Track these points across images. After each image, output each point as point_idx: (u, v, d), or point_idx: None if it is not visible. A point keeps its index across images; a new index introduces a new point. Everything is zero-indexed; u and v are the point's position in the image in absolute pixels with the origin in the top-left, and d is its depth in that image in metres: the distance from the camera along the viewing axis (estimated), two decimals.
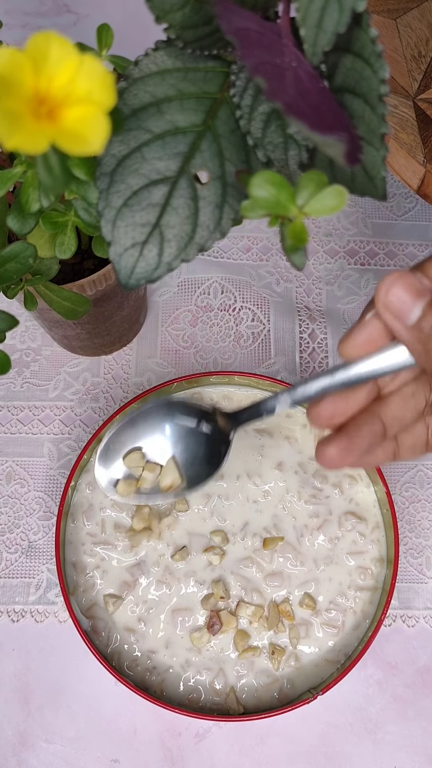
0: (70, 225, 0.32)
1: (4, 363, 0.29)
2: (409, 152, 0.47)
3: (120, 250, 0.27)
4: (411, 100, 0.49)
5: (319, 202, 0.23)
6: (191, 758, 0.47)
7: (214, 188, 0.27)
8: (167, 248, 0.27)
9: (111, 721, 0.48)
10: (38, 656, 0.49)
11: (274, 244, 0.58)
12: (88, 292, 0.41)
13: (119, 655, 0.46)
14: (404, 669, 0.49)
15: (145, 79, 0.27)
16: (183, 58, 0.27)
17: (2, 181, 0.28)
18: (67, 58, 0.20)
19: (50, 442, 0.53)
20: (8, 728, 0.47)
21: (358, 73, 0.25)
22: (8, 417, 0.53)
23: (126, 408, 0.48)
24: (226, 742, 0.47)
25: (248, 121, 0.27)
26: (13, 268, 0.30)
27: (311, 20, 0.24)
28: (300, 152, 0.27)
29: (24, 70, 0.20)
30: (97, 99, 0.21)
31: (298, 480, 0.49)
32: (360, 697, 0.48)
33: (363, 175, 0.26)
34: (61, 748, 0.47)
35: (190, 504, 0.48)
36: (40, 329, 0.55)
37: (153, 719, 0.47)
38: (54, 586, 0.50)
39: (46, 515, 0.51)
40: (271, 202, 0.23)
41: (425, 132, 0.48)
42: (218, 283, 0.56)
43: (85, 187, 0.28)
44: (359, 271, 0.57)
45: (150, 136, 0.27)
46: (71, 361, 0.54)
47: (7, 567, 0.50)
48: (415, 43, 0.51)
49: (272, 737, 0.47)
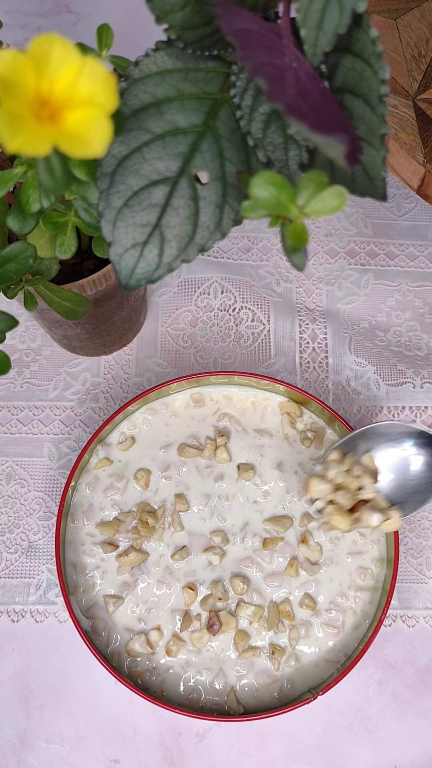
0: (71, 225, 0.32)
1: (4, 363, 0.30)
2: (409, 152, 0.47)
3: (120, 251, 0.27)
4: (411, 100, 0.49)
5: (319, 203, 0.23)
6: (191, 758, 0.47)
7: (215, 189, 0.27)
8: (167, 248, 0.27)
9: (111, 721, 0.48)
10: (38, 656, 0.49)
11: (274, 245, 0.58)
12: (88, 293, 0.41)
13: (119, 655, 0.46)
14: (404, 669, 0.49)
15: (146, 80, 0.27)
16: (183, 58, 0.27)
17: (3, 182, 0.28)
18: (69, 60, 0.20)
19: (50, 442, 0.53)
20: (8, 728, 0.47)
21: (358, 73, 0.25)
22: (8, 417, 0.53)
23: (125, 408, 0.48)
24: (226, 742, 0.47)
25: (249, 122, 0.27)
26: (13, 268, 0.30)
27: (312, 21, 0.24)
28: (300, 153, 0.27)
29: (26, 73, 0.20)
30: (99, 102, 0.21)
31: (297, 480, 0.49)
32: (360, 697, 0.48)
33: (363, 176, 0.26)
34: (61, 748, 0.47)
35: (190, 504, 0.48)
36: (40, 329, 0.55)
37: (153, 719, 0.47)
38: (54, 586, 0.50)
39: (46, 515, 0.51)
40: (272, 203, 0.23)
41: (425, 132, 0.48)
42: (218, 283, 0.56)
43: (85, 187, 0.28)
44: (359, 271, 0.57)
45: (150, 137, 0.27)
46: (71, 361, 0.54)
47: (7, 567, 0.50)
48: (415, 43, 0.51)
49: (272, 737, 0.47)
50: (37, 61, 0.20)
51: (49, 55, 0.20)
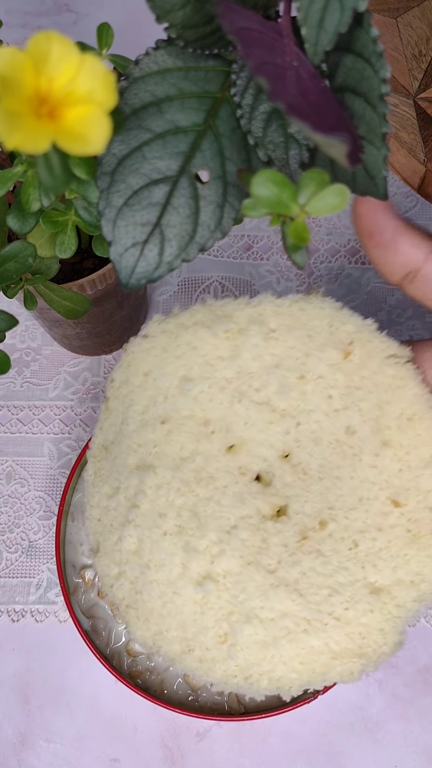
0: (71, 224, 0.32)
1: (3, 363, 0.29)
2: (410, 151, 0.47)
3: (120, 250, 0.27)
4: (411, 98, 0.49)
5: (320, 201, 0.23)
6: (192, 758, 0.47)
7: (215, 187, 0.27)
8: (168, 247, 0.27)
9: (111, 721, 0.48)
10: (38, 656, 0.49)
11: (275, 243, 0.57)
12: (88, 292, 0.41)
13: (119, 654, 0.46)
14: (404, 669, 0.49)
15: (146, 79, 0.27)
16: (184, 57, 0.27)
17: (2, 181, 0.28)
18: (68, 57, 0.20)
19: (50, 441, 0.53)
20: (8, 728, 0.47)
21: (359, 72, 0.25)
22: (8, 417, 0.53)
23: None
24: (226, 742, 0.47)
25: (249, 121, 0.27)
26: (12, 267, 0.30)
27: (313, 20, 0.24)
28: (301, 151, 0.27)
29: (25, 70, 0.20)
30: (99, 99, 0.21)
31: None
32: (360, 697, 0.48)
33: (364, 175, 0.26)
34: (62, 747, 0.47)
35: None
36: (40, 329, 0.55)
37: (153, 719, 0.47)
38: (54, 586, 0.50)
39: (46, 515, 0.51)
40: (273, 201, 0.23)
41: (426, 131, 0.48)
42: (218, 282, 0.56)
43: (85, 186, 0.28)
44: (360, 270, 0.57)
45: (151, 136, 0.27)
46: (71, 361, 0.54)
47: (7, 567, 0.50)
48: (415, 42, 0.51)
49: (273, 737, 0.47)
50: (36, 58, 0.20)
51: (48, 52, 0.20)
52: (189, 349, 0.34)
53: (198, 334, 0.34)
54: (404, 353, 0.33)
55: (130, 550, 0.36)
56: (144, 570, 0.35)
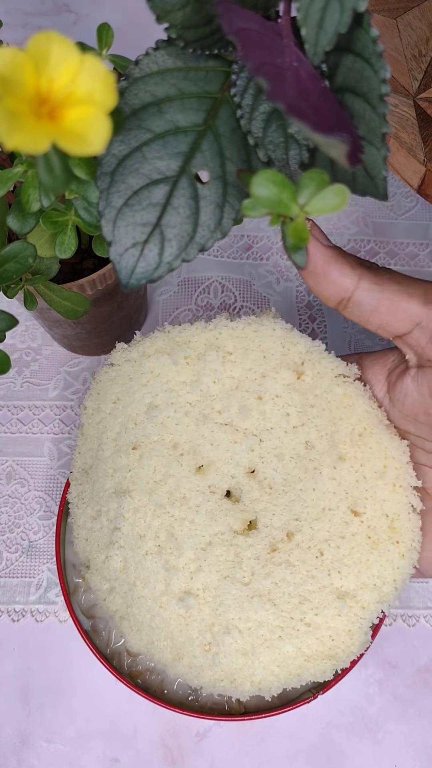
0: (71, 224, 0.32)
1: (3, 362, 0.29)
2: (410, 151, 0.47)
3: (120, 250, 0.27)
4: (411, 99, 0.49)
5: (320, 201, 0.23)
6: (192, 757, 0.47)
7: (215, 188, 0.27)
8: (168, 248, 0.27)
9: (111, 721, 0.48)
10: (38, 656, 0.49)
11: (275, 243, 0.58)
12: (88, 292, 0.41)
13: (119, 654, 0.46)
14: (404, 668, 0.49)
15: (146, 79, 0.27)
16: (184, 57, 0.27)
17: (2, 181, 0.28)
18: (68, 58, 0.20)
19: (50, 441, 0.53)
20: (8, 728, 0.47)
21: (358, 72, 0.25)
22: (8, 417, 0.53)
23: None
24: (226, 742, 0.47)
25: (249, 121, 0.27)
26: (12, 267, 0.30)
27: (312, 20, 0.24)
28: (301, 152, 0.27)
29: (25, 70, 0.20)
30: (99, 99, 0.21)
31: None
32: (360, 697, 0.48)
33: (364, 175, 0.26)
34: (62, 747, 0.47)
35: None
36: (40, 329, 0.55)
37: (153, 719, 0.47)
38: (54, 586, 0.50)
39: (46, 515, 0.51)
40: (273, 201, 0.23)
41: (425, 131, 0.48)
42: (218, 282, 0.56)
43: (85, 186, 0.28)
44: None
45: (151, 136, 0.27)
46: (71, 361, 0.54)
47: (7, 566, 0.50)
48: (415, 42, 0.51)
49: (273, 737, 0.47)
50: (36, 59, 0.20)
51: (48, 53, 0.20)
52: (153, 376, 0.36)
53: (160, 361, 0.36)
54: (351, 372, 0.35)
55: (117, 568, 0.38)
56: (131, 587, 0.38)
